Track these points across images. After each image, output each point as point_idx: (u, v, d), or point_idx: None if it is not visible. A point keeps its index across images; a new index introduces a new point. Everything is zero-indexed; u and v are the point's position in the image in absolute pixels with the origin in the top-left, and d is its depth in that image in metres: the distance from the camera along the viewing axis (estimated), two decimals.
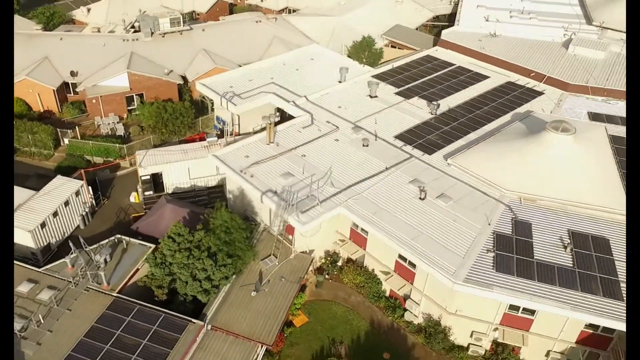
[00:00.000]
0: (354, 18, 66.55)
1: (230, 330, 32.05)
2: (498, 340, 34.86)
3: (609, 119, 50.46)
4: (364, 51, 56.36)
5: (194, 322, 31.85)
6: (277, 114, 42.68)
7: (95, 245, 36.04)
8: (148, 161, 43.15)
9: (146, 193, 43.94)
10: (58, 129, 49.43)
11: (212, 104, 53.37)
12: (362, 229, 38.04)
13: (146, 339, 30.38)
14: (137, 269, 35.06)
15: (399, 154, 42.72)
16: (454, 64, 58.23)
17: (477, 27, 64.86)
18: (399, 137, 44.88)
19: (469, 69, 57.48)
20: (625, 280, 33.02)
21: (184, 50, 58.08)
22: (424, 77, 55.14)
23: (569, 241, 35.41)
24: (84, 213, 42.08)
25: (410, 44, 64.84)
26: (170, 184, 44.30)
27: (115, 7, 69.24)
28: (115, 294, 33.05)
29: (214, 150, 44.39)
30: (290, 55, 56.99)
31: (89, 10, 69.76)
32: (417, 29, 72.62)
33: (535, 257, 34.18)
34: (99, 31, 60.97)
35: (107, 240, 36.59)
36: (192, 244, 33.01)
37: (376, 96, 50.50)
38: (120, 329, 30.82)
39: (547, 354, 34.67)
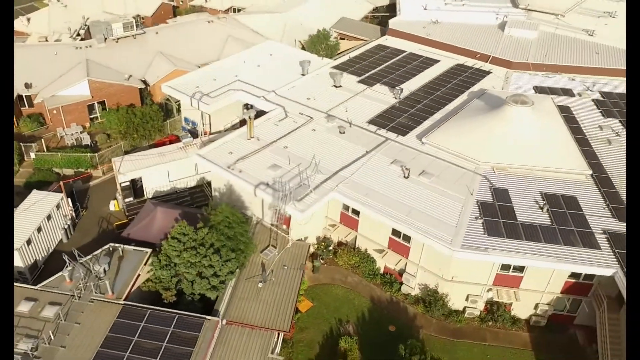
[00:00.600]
0: (301, 13, 67.01)
1: (246, 323, 31.87)
2: (493, 299, 36.71)
3: (552, 90, 53.91)
4: (320, 44, 56.95)
5: (209, 319, 31.38)
6: (253, 110, 42.42)
7: (89, 256, 34.57)
8: (126, 167, 41.77)
9: (126, 200, 42.51)
10: (21, 144, 46.65)
11: (178, 106, 52.21)
12: (352, 212, 38.78)
13: (165, 341, 29.67)
14: (139, 275, 33.98)
15: (375, 137, 43.74)
16: (405, 51, 60.04)
17: (417, 15, 66.83)
18: (371, 122, 45.93)
19: (420, 54, 59.47)
20: (599, 231, 35.71)
21: (139, 55, 56.31)
22: (380, 64, 56.52)
23: (544, 202, 37.72)
24: (65, 226, 40.15)
25: (359, 35, 66.14)
26: (150, 188, 43.11)
27: (56, 15, 65.81)
28: (122, 302, 31.94)
29: (191, 151, 43.73)
30: (248, 53, 56.66)
31: (28, 20, 65.87)
32: (360, 20, 74.05)
33: (518, 219, 36.24)
34: (46, 40, 57.78)
35: (100, 250, 35.19)
36: (196, 242, 32.42)
37: (340, 86, 51.29)
38: (136, 335, 29.91)
39: (536, 307, 36.87)
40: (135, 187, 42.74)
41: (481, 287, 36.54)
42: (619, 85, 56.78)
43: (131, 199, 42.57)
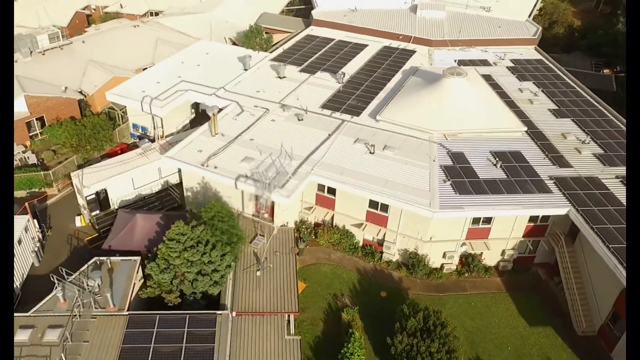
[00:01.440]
0: (225, 11, 65.91)
1: (255, 311, 31.64)
2: (467, 252, 39.16)
3: (472, 62, 57.71)
4: (255, 38, 56.54)
5: (220, 313, 30.80)
6: (216, 106, 41.55)
7: (77, 273, 32.42)
8: (90, 180, 39.30)
9: (93, 213, 40.05)
10: None
11: (124, 113, 49.68)
12: (328, 192, 39.46)
13: (184, 342, 28.75)
14: (134, 283, 32.47)
15: (332, 121, 44.60)
16: (334, 39, 61.27)
17: (334, 5, 67.98)
18: (324, 107, 46.71)
19: (348, 41, 60.97)
20: (547, 177, 39.24)
21: (70, 65, 52.59)
22: (315, 53, 57.29)
23: (496, 159, 40.67)
24: (35, 249, 37.14)
25: (284, 28, 66.34)
26: (116, 198, 40.91)
27: None
28: (126, 313, 30.42)
29: (152, 156, 42.08)
30: (184, 54, 55.01)
31: None
32: (280, 14, 74.27)
33: (480, 177, 38.86)
34: None
35: (87, 265, 33.10)
36: (194, 240, 31.54)
37: (285, 77, 51.45)
38: (152, 342, 28.72)
39: (503, 253, 39.88)
40: (98, 199, 40.32)
41: (456, 242, 38.84)
42: (524, 52, 61.99)
43: (98, 211, 40.13)
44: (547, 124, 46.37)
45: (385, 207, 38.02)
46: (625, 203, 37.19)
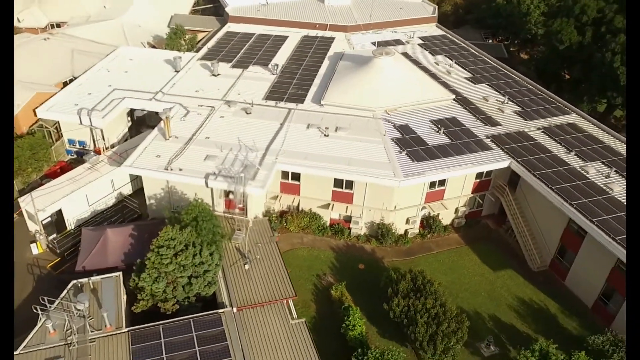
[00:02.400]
0: (132, 16, 61.96)
1: (254, 303, 30.89)
2: (428, 215, 40.94)
3: (387, 43, 59.65)
4: (179, 39, 53.97)
5: (222, 311, 29.71)
6: (169, 109, 39.30)
7: (58, 300, 29.52)
8: (43, 203, 35.70)
9: (51, 237, 36.51)
10: None
11: (57, 129, 45.36)
12: (292, 179, 39.20)
13: (197, 346, 27.41)
14: (125, 299, 30.27)
15: (279, 111, 44.19)
16: (254, 33, 60.32)
17: (243, 1, 66.59)
18: (267, 98, 46.10)
19: (269, 34, 60.34)
20: (484, 137, 42.00)
21: None
22: (241, 48, 56.07)
23: (438, 127, 42.76)
24: None
25: (200, 28, 63.97)
26: (72, 218, 37.59)
27: None
28: (125, 329, 28.33)
29: (103, 169, 39.13)
30: (107, 62, 51.27)
31: None
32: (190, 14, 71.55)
33: (429, 144, 40.66)
34: None
35: (66, 291, 30.24)
36: (182, 244, 29.96)
37: (219, 74, 49.91)
38: (164, 352, 27.04)
39: (456, 211, 42.21)
40: (53, 222, 36.81)
41: (416, 208, 40.44)
42: (428, 29, 65.21)
43: (55, 234, 36.64)
44: (468, 91, 49.46)
45: (350, 184, 38.57)
46: (551, 150, 40.88)
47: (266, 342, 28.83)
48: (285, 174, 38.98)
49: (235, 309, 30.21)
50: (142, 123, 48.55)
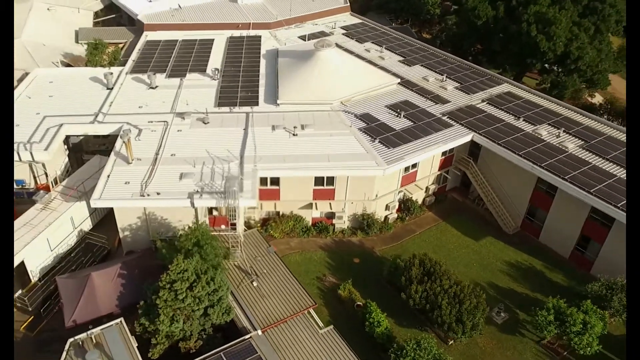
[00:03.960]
0: (32, 35, 54.05)
1: (276, 321, 28.51)
2: (403, 198, 40.71)
3: (313, 36, 58.20)
4: (101, 54, 47.99)
5: (250, 336, 27.03)
6: (129, 131, 34.63)
7: None
8: None
9: (17, 294, 30.87)
10: None
11: None
12: (271, 184, 36.80)
13: None
14: (136, 346, 26.39)
15: (237, 116, 41.29)
16: (176, 39, 55.75)
17: (149, 8, 61.08)
18: (219, 104, 42.85)
19: (192, 39, 56.10)
20: (440, 115, 42.53)
21: None
22: (169, 56, 51.52)
23: (397, 111, 42.52)
24: None
25: (114, 40, 57.60)
26: (35, 267, 32.08)
27: None
28: None
29: (60, 207, 33.85)
30: (24, 88, 44.28)
31: None
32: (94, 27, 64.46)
33: (395, 129, 40.31)
34: None
35: (65, 353, 25.66)
36: (193, 275, 26.64)
37: (157, 85, 45.39)
38: None
39: (427, 190, 42.50)
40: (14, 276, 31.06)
41: (394, 193, 40.03)
42: (346, 19, 64.81)
43: (21, 290, 31.01)
44: (407, 73, 49.83)
45: (331, 181, 37.08)
46: (503, 119, 42.48)
47: (304, 357, 26.68)
48: (263, 180, 36.40)
49: (260, 331, 27.60)
50: (79, 149, 42.72)
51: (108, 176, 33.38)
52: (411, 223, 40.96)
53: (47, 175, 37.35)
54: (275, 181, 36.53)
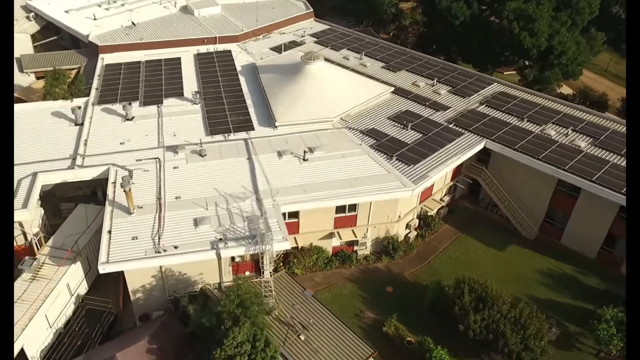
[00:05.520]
0: None
1: None
2: (421, 214, 38.75)
3: (287, 46, 55.00)
4: (61, 85, 42.08)
5: None
6: (129, 179, 29.91)
7: None
8: None
9: None
10: None
11: None
12: (290, 217, 33.53)
13: None
14: None
15: (235, 144, 37.67)
16: (139, 61, 50.50)
17: (92, 28, 55.15)
18: (212, 132, 38.90)
19: (157, 58, 51.09)
20: (445, 123, 40.95)
21: None
22: (136, 81, 46.40)
23: (404, 123, 40.39)
24: None
25: (67, 66, 51.16)
26: (35, 351, 27.03)
27: None
28: None
29: (55, 274, 28.88)
30: None
31: None
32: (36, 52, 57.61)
33: (408, 143, 38.22)
34: None
35: None
36: (249, 343, 23.06)
37: (133, 117, 40.54)
38: None
39: (441, 201, 40.70)
40: None
41: (413, 210, 37.95)
42: (313, 26, 62.05)
43: None
44: (395, 80, 47.98)
45: (353, 207, 34.44)
46: (508, 122, 41.55)
47: None
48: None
49: None
50: (49, 198, 37.18)
51: (109, 232, 28.71)
52: (432, 239, 39.08)
53: (25, 235, 31.86)
54: (294, 214, 33.28)
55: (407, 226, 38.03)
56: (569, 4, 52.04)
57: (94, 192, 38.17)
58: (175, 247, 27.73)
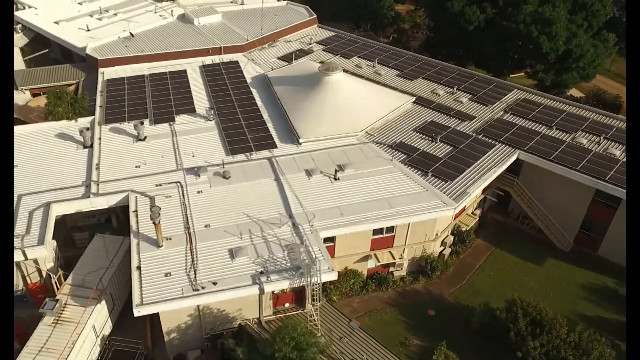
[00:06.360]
0: None
1: None
2: (459, 229, 37.34)
3: (296, 55, 53.04)
4: (65, 105, 39.35)
5: None
6: (158, 209, 27.72)
7: None
8: None
9: None
10: None
11: None
12: (325, 241, 31.64)
13: None
14: None
15: (259, 164, 35.76)
16: (143, 74, 48.16)
17: (88, 40, 52.53)
18: (232, 152, 36.84)
19: (162, 72, 48.77)
20: (472, 134, 39.61)
21: None
22: (143, 97, 44.08)
23: (432, 135, 38.92)
24: None
25: (64, 81, 48.56)
26: None
27: None
28: None
29: (81, 319, 26.59)
30: None
31: None
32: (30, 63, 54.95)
33: (440, 157, 36.75)
34: None
35: None
36: None
37: (145, 137, 38.30)
38: None
39: (474, 214, 39.33)
40: None
41: (448, 227, 36.53)
42: (317, 33, 60.35)
43: None
44: (413, 88, 46.62)
45: (391, 227, 32.71)
46: (538, 130, 40.43)
47: None
48: None
49: None
50: (60, 227, 34.63)
51: (138, 268, 26.53)
52: (467, 256, 37.69)
53: (40, 272, 29.47)
54: (330, 238, 31.47)
55: (442, 243, 36.53)
56: (583, 6, 51.28)
57: (107, 219, 35.87)
58: (214, 284, 25.71)
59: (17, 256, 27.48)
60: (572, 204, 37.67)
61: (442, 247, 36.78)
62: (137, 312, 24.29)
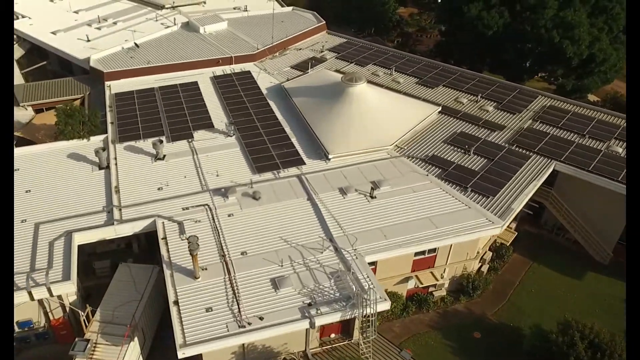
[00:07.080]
0: None
1: None
2: (498, 245, 36.11)
3: (310, 64, 51.39)
4: (78, 124, 37.22)
5: None
6: (195, 238, 26.00)
7: None
8: None
9: None
10: None
11: None
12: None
13: None
14: None
15: (286, 182, 34.13)
16: (151, 87, 46.20)
17: (88, 51, 50.26)
18: (258, 170, 35.14)
19: (172, 84, 46.83)
20: (505, 145, 38.44)
21: None
22: (155, 112, 42.12)
23: (465, 147, 37.62)
24: None
25: (67, 96, 46.38)
26: None
27: None
28: None
29: (117, 353, 24.75)
30: None
31: None
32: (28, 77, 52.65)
33: (477, 171, 35.45)
34: None
35: None
36: None
37: (164, 155, 36.44)
38: None
39: (509, 227, 37.92)
40: None
41: (487, 243, 35.29)
42: (328, 39, 58.91)
43: None
44: (435, 97, 45.34)
45: (433, 248, 31.28)
46: (572, 140, 39.37)
47: None
48: None
49: None
50: (81, 253, 32.60)
51: (176, 303, 24.74)
52: (505, 272, 36.50)
53: (63, 308, 27.51)
54: (372, 262, 29.94)
55: (481, 260, 35.24)
56: (603, 9, 50.48)
57: (128, 245, 33.95)
58: (261, 319, 24.02)
59: (42, 293, 25.52)
60: (611, 215, 36.57)
61: (480, 264, 35.50)
62: (182, 354, 22.51)
